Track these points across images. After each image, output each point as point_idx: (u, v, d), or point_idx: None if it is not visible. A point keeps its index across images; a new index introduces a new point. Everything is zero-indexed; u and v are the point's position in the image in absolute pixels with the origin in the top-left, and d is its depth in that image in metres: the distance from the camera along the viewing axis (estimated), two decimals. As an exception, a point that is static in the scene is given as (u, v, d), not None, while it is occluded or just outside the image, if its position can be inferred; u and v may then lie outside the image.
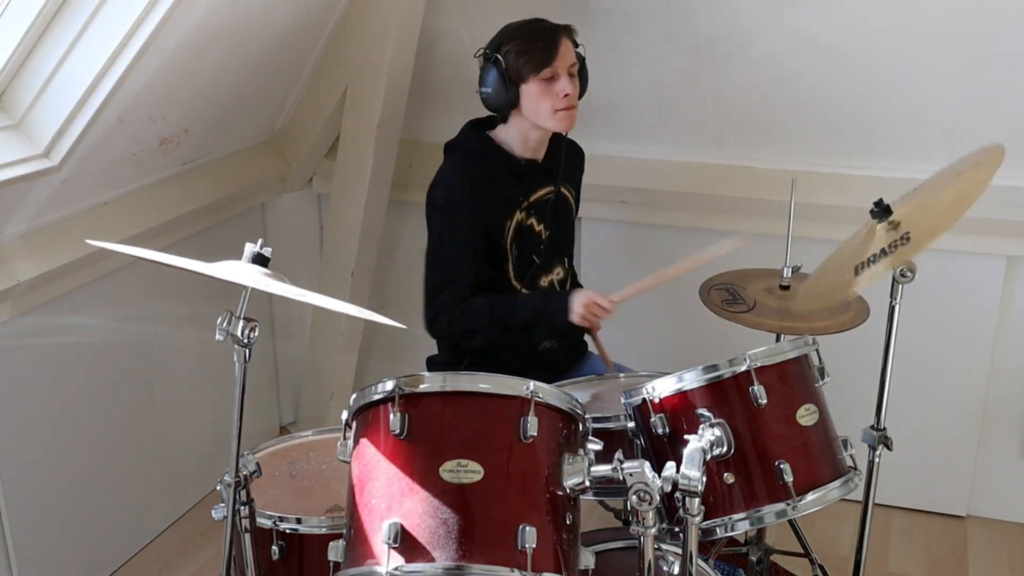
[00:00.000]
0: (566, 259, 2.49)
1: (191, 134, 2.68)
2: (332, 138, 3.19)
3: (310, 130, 3.16)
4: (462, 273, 2.26)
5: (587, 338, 2.49)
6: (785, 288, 2.29)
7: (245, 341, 1.58)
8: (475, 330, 2.27)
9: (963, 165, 1.97)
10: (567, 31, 2.28)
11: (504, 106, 2.27)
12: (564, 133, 2.34)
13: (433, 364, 2.50)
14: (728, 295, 2.29)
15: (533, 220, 2.36)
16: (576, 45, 2.30)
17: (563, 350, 2.49)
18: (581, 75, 2.31)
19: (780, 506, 1.72)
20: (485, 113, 2.39)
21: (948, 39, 2.55)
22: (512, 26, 2.27)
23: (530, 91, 2.23)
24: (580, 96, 2.32)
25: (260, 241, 1.63)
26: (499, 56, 2.23)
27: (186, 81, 2.46)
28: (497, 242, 2.31)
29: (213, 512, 1.78)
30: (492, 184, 2.30)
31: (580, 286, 2.55)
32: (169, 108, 2.49)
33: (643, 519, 1.55)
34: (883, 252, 1.89)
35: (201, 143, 2.79)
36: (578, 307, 2.21)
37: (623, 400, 1.83)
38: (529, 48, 2.21)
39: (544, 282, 2.41)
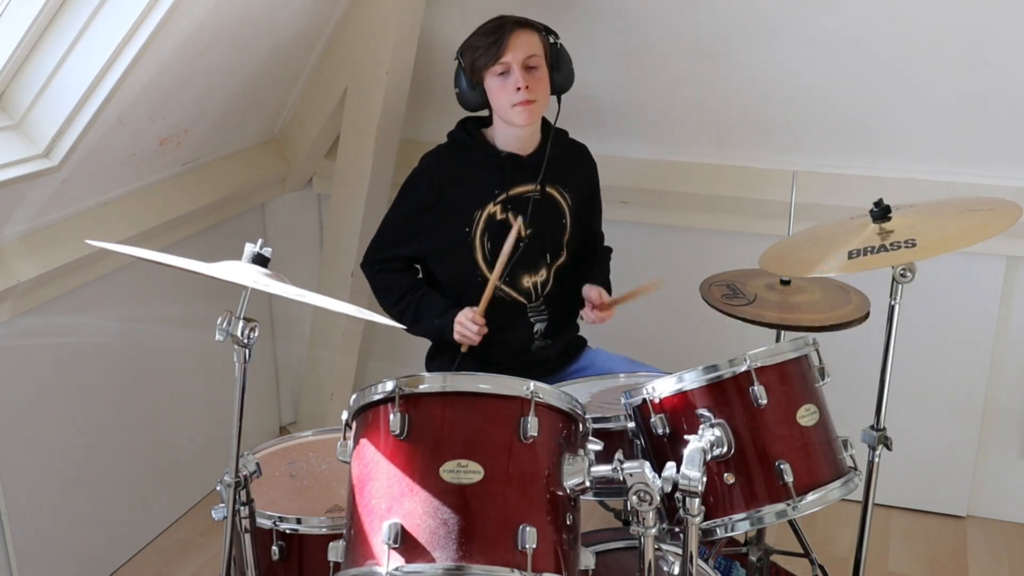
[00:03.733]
0: (550, 260, 2.43)
1: (191, 134, 2.68)
2: (332, 138, 3.19)
3: (310, 130, 3.16)
4: (399, 246, 2.39)
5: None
6: (786, 283, 2.29)
7: (245, 341, 1.58)
8: (387, 294, 2.41)
9: (978, 204, 1.97)
10: (521, 23, 2.28)
11: (475, 105, 2.32)
12: (522, 127, 2.32)
13: (430, 360, 2.51)
14: (728, 290, 2.29)
15: (509, 215, 2.35)
16: (548, 35, 2.31)
17: (556, 350, 2.49)
18: (558, 67, 2.31)
19: (780, 506, 1.72)
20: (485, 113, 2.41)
21: (947, 39, 2.55)
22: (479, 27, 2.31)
23: (490, 87, 2.28)
24: (564, 90, 2.34)
25: (260, 241, 1.63)
26: (460, 58, 2.30)
27: (186, 81, 2.46)
28: (463, 230, 2.32)
29: (213, 512, 1.77)
30: (467, 174, 2.33)
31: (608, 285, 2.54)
32: (169, 108, 2.49)
33: (643, 519, 1.55)
34: (883, 248, 1.88)
35: (201, 143, 2.79)
36: (455, 327, 2.31)
37: (623, 400, 1.83)
38: (478, 43, 2.26)
39: (527, 283, 2.40)
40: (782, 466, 1.72)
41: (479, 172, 2.33)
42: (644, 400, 1.78)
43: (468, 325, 2.29)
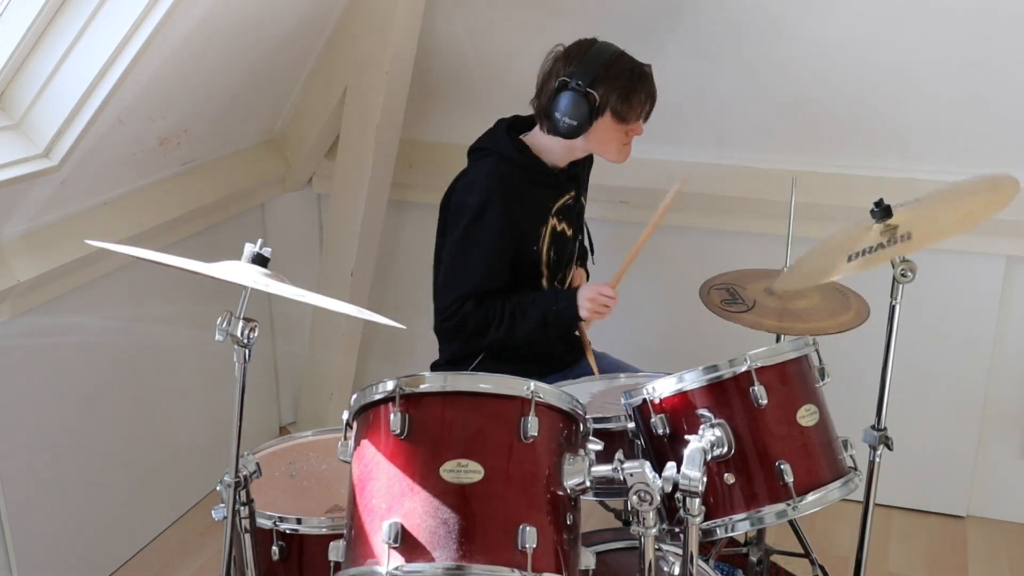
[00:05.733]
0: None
1: (191, 134, 2.68)
2: (332, 138, 3.19)
3: (310, 130, 3.16)
4: (486, 281, 2.28)
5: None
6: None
7: (245, 341, 1.58)
8: (486, 329, 2.28)
9: (977, 186, 1.97)
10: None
11: (569, 132, 2.24)
12: (616, 163, 2.36)
13: (437, 368, 2.50)
14: (728, 295, 2.28)
15: (564, 225, 2.39)
16: None
17: (562, 347, 2.49)
18: None
19: (780, 506, 1.72)
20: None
21: (948, 39, 2.55)
22: (609, 62, 2.23)
23: (607, 125, 2.25)
24: None
25: (260, 241, 1.63)
26: (594, 92, 2.20)
27: (186, 81, 2.46)
28: (531, 248, 2.32)
29: (213, 512, 1.77)
30: (527, 191, 2.30)
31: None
32: (169, 108, 2.49)
33: (644, 519, 1.55)
34: (881, 246, 1.89)
35: (201, 143, 2.79)
36: (585, 302, 2.26)
37: (623, 400, 1.83)
38: (634, 94, 2.24)
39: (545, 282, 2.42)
40: (782, 466, 1.72)
41: (535, 188, 2.32)
42: (644, 400, 1.78)
43: (606, 291, 2.26)
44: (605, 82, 2.21)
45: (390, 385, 1.53)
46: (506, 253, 2.29)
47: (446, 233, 2.35)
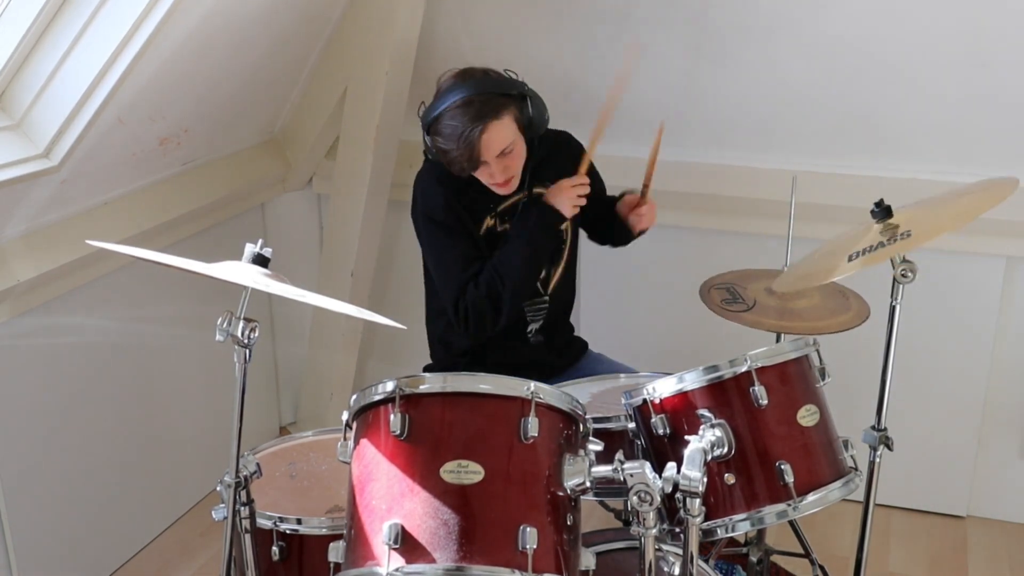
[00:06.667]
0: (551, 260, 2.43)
1: (191, 134, 2.68)
2: (332, 138, 3.19)
3: (310, 130, 3.16)
4: (468, 265, 2.28)
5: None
6: (785, 288, 2.29)
7: (245, 341, 1.58)
8: (498, 294, 2.25)
9: (976, 186, 1.98)
10: (491, 110, 2.14)
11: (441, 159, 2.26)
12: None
13: (429, 371, 2.49)
14: (728, 294, 2.28)
15: (507, 226, 2.35)
16: (520, 100, 2.19)
17: (555, 350, 2.48)
18: (530, 126, 2.22)
19: (781, 507, 1.72)
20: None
21: (948, 39, 2.55)
22: (439, 103, 2.18)
23: None
24: (540, 130, 2.26)
25: (260, 241, 1.63)
26: (427, 139, 2.24)
27: (186, 81, 2.46)
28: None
29: (213, 513, 1.77)
30: (463, 188, 2.30)
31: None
32: (169, 108, 2.49)
33: (644, 520, 1.55)
34: (881, 244, 1.89)
35: (201, 143, 2.79)
36: (566, 203, 2.28)
37: (624, 401, 1.83)
38: (448, 154, 2.18)
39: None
40: (783, 466, 1.72)
41: (470, 187, 2.30)
42: (645, 400, 1.78)
43: (576, 182, 2.29)
44: (431, 134, 2.22)
45: (390, 386, 1.53)
46: (469, 235, 2.30)
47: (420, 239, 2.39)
